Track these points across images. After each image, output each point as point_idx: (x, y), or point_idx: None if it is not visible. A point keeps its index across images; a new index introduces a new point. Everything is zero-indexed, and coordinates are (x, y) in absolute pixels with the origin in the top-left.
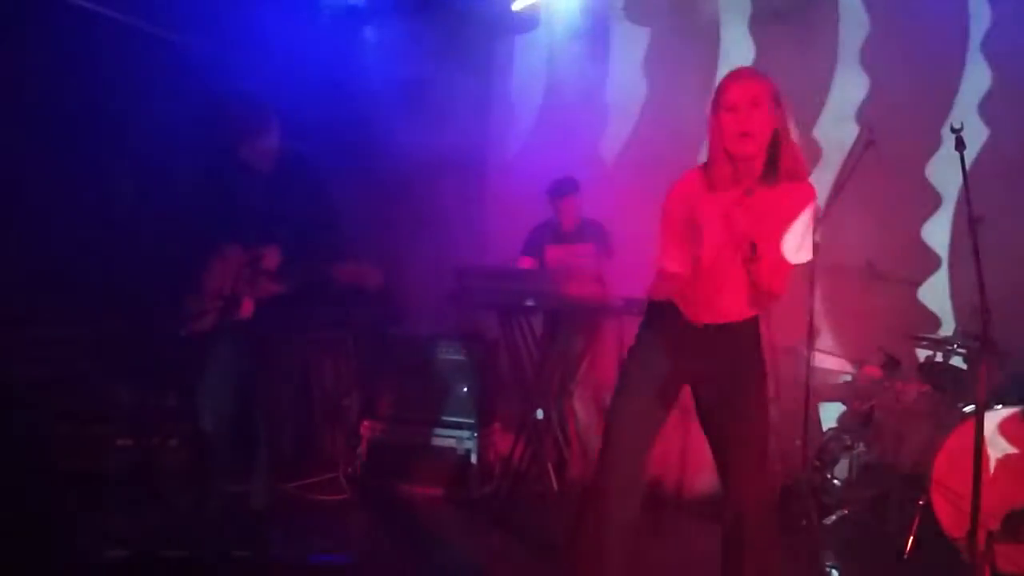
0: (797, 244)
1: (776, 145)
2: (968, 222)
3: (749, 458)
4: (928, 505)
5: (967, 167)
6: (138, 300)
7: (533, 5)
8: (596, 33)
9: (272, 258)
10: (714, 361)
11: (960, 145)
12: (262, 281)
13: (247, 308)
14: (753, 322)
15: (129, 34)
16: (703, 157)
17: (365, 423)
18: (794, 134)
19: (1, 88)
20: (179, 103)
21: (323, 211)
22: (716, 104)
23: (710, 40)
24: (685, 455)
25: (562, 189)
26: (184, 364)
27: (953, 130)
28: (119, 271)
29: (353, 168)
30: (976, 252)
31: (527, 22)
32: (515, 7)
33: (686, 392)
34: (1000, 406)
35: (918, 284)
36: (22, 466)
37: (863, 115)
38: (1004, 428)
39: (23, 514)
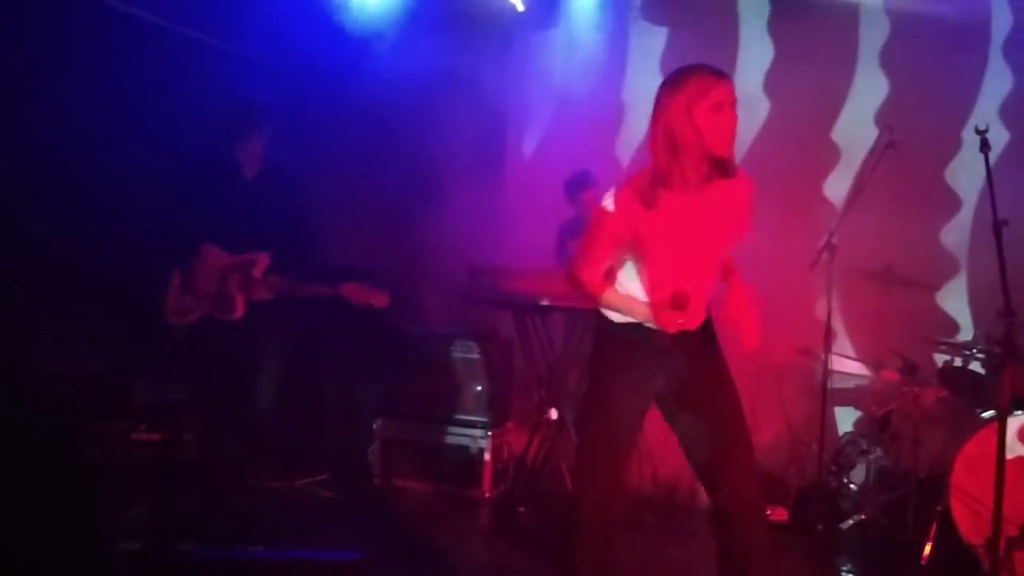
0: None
1: None
2: (993, 225)
3: (740, 436)
4: (946, 511)
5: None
6: (144, 295)
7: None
8: (613, 32)
9: (261, 264)
10: (687, 363)
11: (985, 147)
12: (254, 286)
13: (239, 309)
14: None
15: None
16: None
17: (379, 420)
18: None
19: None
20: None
21: (298, 224)
22: (697, 102)
23: (728, 40)
24: None
25: (584, 181)
26: (189, 360)
27: (978, 131)
28: (130, 266)
29: (369, 167)
30: (1001, 255)
31: (544, 21)
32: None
33: None
34: (1020, 412)
35: (936, 288)
36: (41, 459)
37: (882, 117)
38: (1023, 434)
39: (42, 506)
